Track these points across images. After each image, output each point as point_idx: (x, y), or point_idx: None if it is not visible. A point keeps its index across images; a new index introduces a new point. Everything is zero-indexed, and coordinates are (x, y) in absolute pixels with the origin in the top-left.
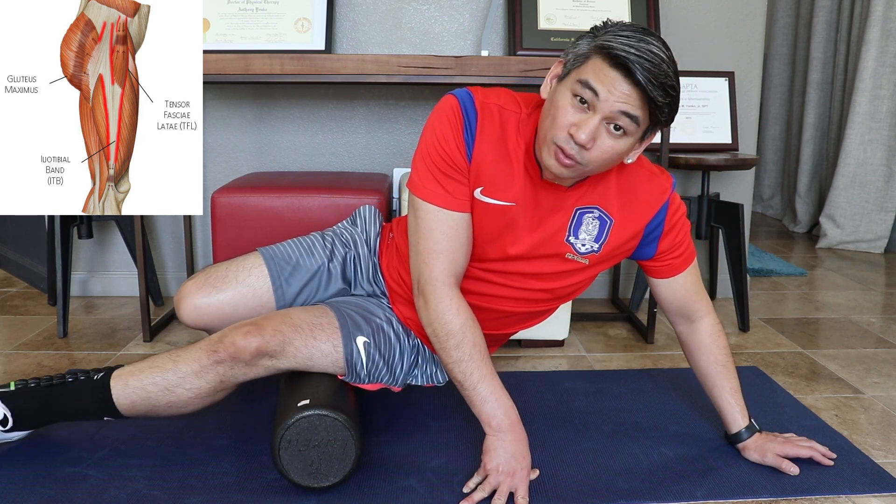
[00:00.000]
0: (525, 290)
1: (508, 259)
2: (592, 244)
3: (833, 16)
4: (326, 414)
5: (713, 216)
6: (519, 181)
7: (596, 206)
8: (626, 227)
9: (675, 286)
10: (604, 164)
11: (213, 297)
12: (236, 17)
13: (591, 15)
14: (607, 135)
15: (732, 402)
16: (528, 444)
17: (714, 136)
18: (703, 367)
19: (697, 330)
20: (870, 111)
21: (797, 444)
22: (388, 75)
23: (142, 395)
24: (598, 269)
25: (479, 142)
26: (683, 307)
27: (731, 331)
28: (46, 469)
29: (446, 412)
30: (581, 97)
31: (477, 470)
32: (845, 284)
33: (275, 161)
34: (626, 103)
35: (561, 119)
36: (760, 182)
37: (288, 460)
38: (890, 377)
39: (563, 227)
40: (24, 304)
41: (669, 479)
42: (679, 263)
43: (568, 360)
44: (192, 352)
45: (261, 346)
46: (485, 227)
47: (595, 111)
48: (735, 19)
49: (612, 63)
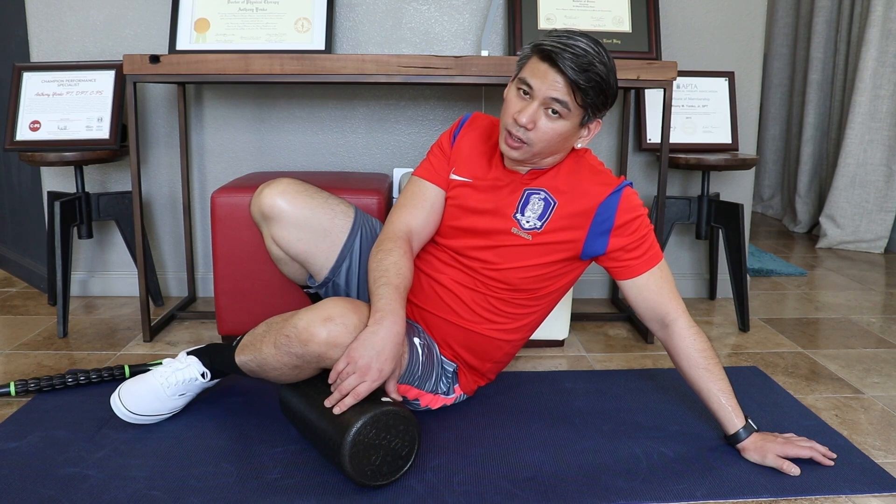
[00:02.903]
0: (479, 270)
1: (469, 231)
2: (536, 221)
3: (833, 16)
4: (407, 417)
5: (713, 216)
6: (484, 165)
7: (543, 188)
8: (568, 211)
9: (640, 288)
10: (549, 144)
11: (302, 194)
12: (236, 17)
13: (591, 15)
14: (546, 118)
15: (724, 404)
16: (398, 349)
17: (714, 136)
18: (686, 372)
19: (673, 334)
20: (870, 111)
21: (797, 445)
22: (388, 75)
23: (248, 368)
24: (544, 257)
25: (463, 133)
26: (653, 310)
27: (731, 331)
28: (46, 469)
29: (446, 412)
30: (523, 90)
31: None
32: (845, 284)
33: (275, 161)
34: (555, 90)
35: (508, 109)
36: (760, 182)
37: (360, 450)
38: (890, 377)
39: (512, 204)
40: (24, 304)
41: (669, 479)
42: (639, 265)
43: (568, 360)
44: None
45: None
46: (455, 202)
47: (533, 99)
48: (735, 19)
49: (542, 57)
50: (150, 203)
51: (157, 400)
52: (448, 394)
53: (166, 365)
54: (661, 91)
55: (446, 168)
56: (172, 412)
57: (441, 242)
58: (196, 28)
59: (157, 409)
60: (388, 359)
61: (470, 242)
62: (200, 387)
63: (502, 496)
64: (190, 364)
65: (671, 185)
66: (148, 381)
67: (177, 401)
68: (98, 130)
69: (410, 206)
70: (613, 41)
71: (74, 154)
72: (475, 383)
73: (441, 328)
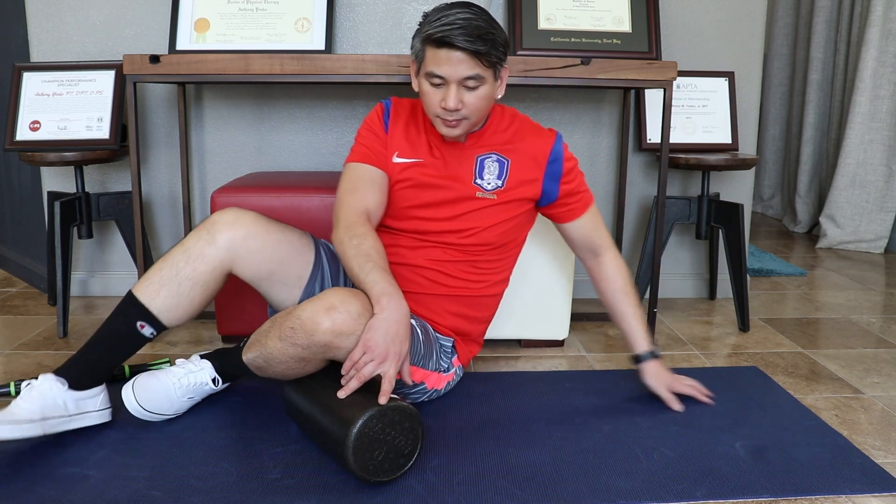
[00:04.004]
0: (455, 242)
1: (434, 205)
2: (496, 182)
3: (833, 16)
4: (413, 415)
5: (713, 216)
6: (424, 144)
7: (492, 152)
8: (523, 163)
9: (579, 226)
10: (482, 109)
11: (256, 214)
12: (236, 17)
13: (591, 15)
14: (468, 92)
15: (635, 326)
16: (408, 329)
17: (714, 136)
18: (608, 296)
19: (602, 263)
20: (870, 111)
21: (683, 383)
22: (388, 75)
23: (256, 365)
24: (511, 211)
25: (393, 119)
26: (588, 244)
27: (731, 331)
28: (46, 469)
29: (446, 412)
30: (435, 81)
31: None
32: (845, 284)
33: (275, 161)
34: (464, 68)
35: (431, 102)
36: (760, 182)
37: (364, 443)
38: (890, 377)
39: (469, 173)
40: (24, 304)
41: (669, 479)
42: (579, 207)
43: (568, 360)
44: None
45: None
46: (409, 183)
47: (448, 84)
48: (735, 19)
49: (437, 46)
50: (150, 203)
51: (167, 399)
52: (448, 370)
53: (180, 366)
54: (661, 91)
55: (384, 153)
56: (176, 414)
57: (398, 227)
58: (196, 28)
59: (164, 408)
60: (402, 340)
61: (435, 216)
62: (209, 392)
63: (502, 496)
64: (203, 368)
65: (671, 185)
66: (161, 379)
67: (184, 403)
68: (98, 130)
69: (362, 190)
70: (613, 41)
71: (74, 154)
72: (470, 353)
73: (432, 304)
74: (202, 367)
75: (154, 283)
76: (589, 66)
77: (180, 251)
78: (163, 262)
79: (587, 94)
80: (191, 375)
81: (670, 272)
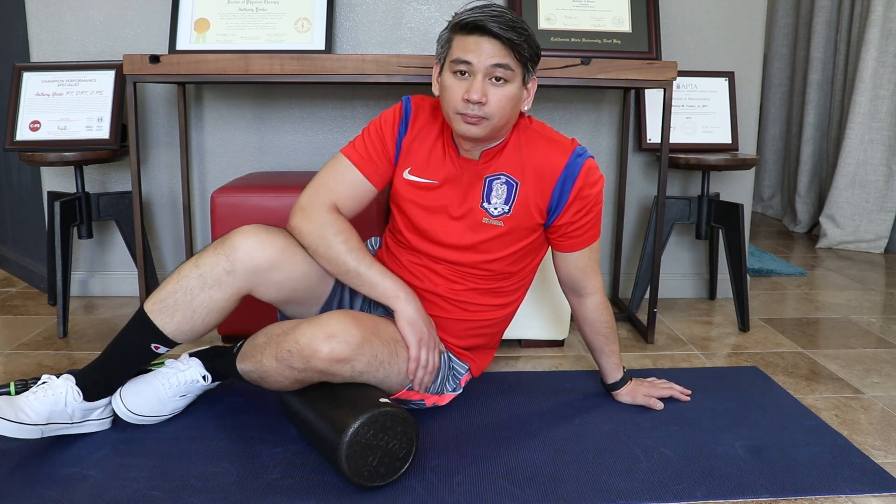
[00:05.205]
0: (469, 272)
1: (442, 230)
2: (503, 206)
3: (833, 16)
4: (405, 418)
5: (713, 216)
6: (440, 161)
7: (502, 172)
8: (531, 183)
9: (570, 262)
10: (504, 113)
11: (282, 239)
12: (236, 17)
13: (591, 15)
14: (493, 87)
15: (612, 361)
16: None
17: (714, 136)
18: (587, 335)
19: (583, 304)
20: (870, 111)
21: (659, 387)
22: (388, 75)
23: (251, 377)
24: (519, 240)
25: (411, 129)
26: (573, 283)
27: (731, 331)
28: (46, 469)
29: (446, 412)
30: (460, 71)
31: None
32: (845, 284)
33: (275, 161)
34: (495, 56)
35: (453, 94)
36: (760, 182)
37: (357, 450)
38: (890, 377)
39: (477, 196)
40: (24, 304)
41: (669, 479)
42: (577, 243)
43: (568, 360)
44: (268, 357)
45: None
46: (419, 203)
47: (474, 74)
48: (735, 19)
49: (468, 31)
50: (150, 203)
51: (158, 401)
52: (456, 389)
53: (168, 366)
54: (661, 91)
55: (383, 167)
56: (173, 413)
57: (418, 248)
58: (196, 28)
59: (158, 409)
60: (431, 323)
61: (445, 241)
62: (201, 388)
63: (502, 496)
64: (192, 366)
65: (671, 185)
66: (150, 381)
67: (178, 402)
68: (98, 130)
69: (342, 192)
70: (613, 41)
71: (74, 154)
72: (484, 364)
73: (450, 327)
74: (190, 364)
75: (168, 308)
76: (589, 66)
77: (195, 272)
78: (176, 282)
79: (587, 94)
80: (179, 374)
81: (670, 272)
